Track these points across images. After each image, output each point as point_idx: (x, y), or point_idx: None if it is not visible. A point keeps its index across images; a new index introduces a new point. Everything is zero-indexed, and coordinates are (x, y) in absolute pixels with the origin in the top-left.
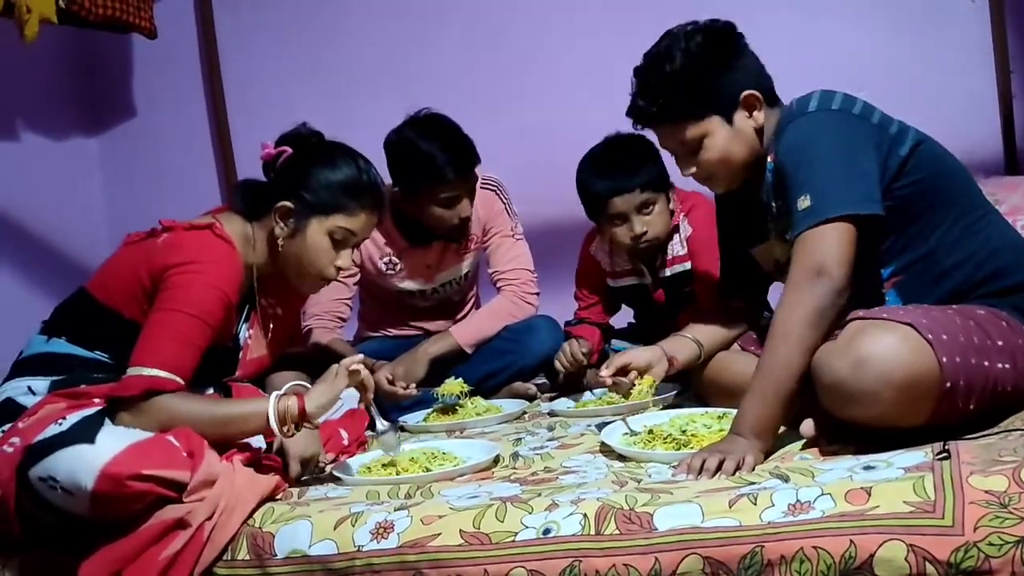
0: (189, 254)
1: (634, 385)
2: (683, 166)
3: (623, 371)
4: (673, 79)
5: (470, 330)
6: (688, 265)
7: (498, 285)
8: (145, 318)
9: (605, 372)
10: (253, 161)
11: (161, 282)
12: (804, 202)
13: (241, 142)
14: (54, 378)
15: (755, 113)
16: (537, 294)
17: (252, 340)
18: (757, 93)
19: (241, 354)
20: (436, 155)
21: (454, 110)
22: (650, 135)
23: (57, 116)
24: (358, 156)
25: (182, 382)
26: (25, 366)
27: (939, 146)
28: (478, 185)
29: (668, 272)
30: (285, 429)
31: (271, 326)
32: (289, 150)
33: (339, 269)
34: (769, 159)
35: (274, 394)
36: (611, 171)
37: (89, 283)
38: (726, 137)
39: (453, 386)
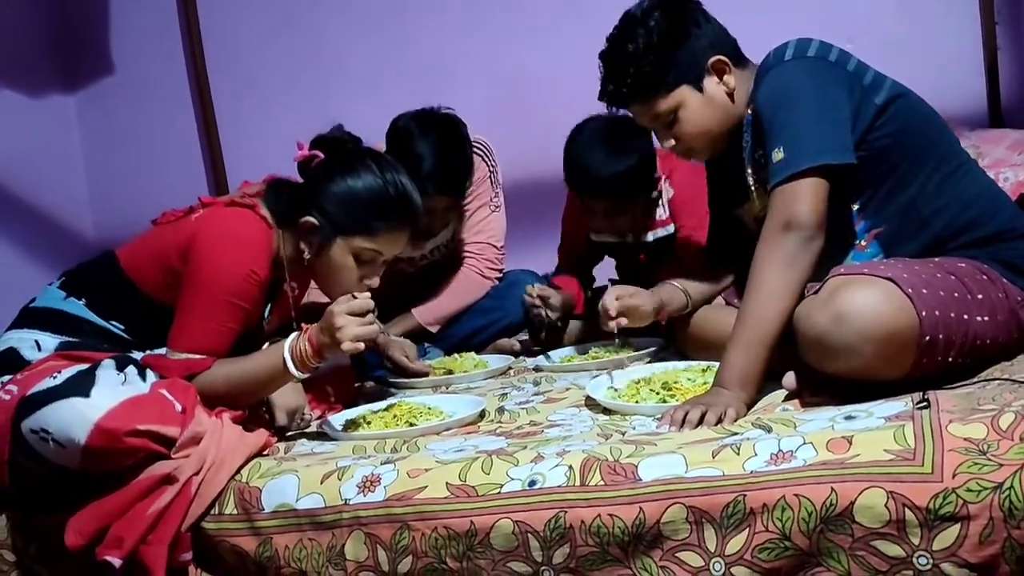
0: (224, 225)
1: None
2: (661, 140)
3: (622, 312)
4: (637, 57)
5: (431, 309)
6: (671, 228)
7: (463, 255)
8: (167, 297)
9: (615, 304)
10: (233, 116)
11: (191, 252)
12: (778, 154)
13: (221, 96)
14: (65, 339)
15: (725, 77)
16: (500, 270)
17: (268, 325)
18: (724, 57)
19: (260, 336)
20: (423, 162)
21: (441, 60)
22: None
23: (33, 73)
24: (387, 167)
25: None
26: (36, 318)
27: (916, 97)
28: None
29: (651, 236)
30: (311, 363)
31: (290, 306)
32: (320, 155)
33: (369, 288)
34: (747, 112)
35: (291, 336)
36: (590, 174)
37: (120, 250)
38: (699, 105)
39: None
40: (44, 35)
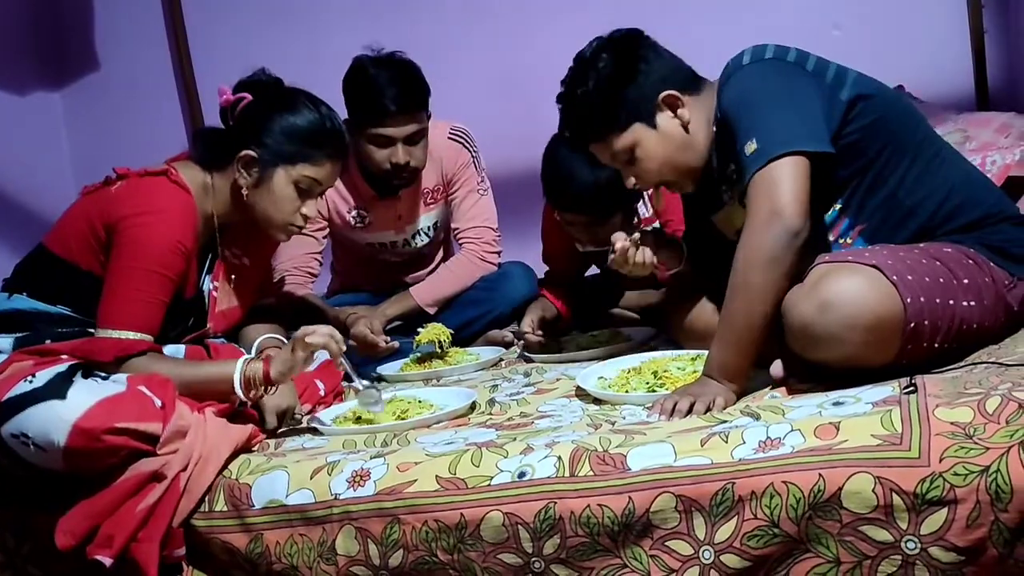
0: (143, 202)
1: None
2: (625, 178)
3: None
4: (587, 99)
5: (429, 289)
6: (657, 225)
7: (460, 242)
8: (103, 269)
9: (626, 241)
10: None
11: (116, 233)
12: (751, 146)
13: (207, 90)
14: (18, 335)
15: (679, 111)
16: (498, 252)
17: (219, 291)
18: (675, 92)
19: (208, 306)
20: (379, 85)
21: (426, 53)
22: None
23: (19, 70)
24: (320, 103)
25: (151, 339)
26: None
27: (885, 88)
28: (445, 134)
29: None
30: (252, 394)
31: (233, 276)
32: (249, 96)
33: (305, 218)
34: (712, 128)
35: (241, 359)
36: (564, 188)
37: (46, 237)
38: (655, 141)
39: (432, 332)
40: (29, 32)
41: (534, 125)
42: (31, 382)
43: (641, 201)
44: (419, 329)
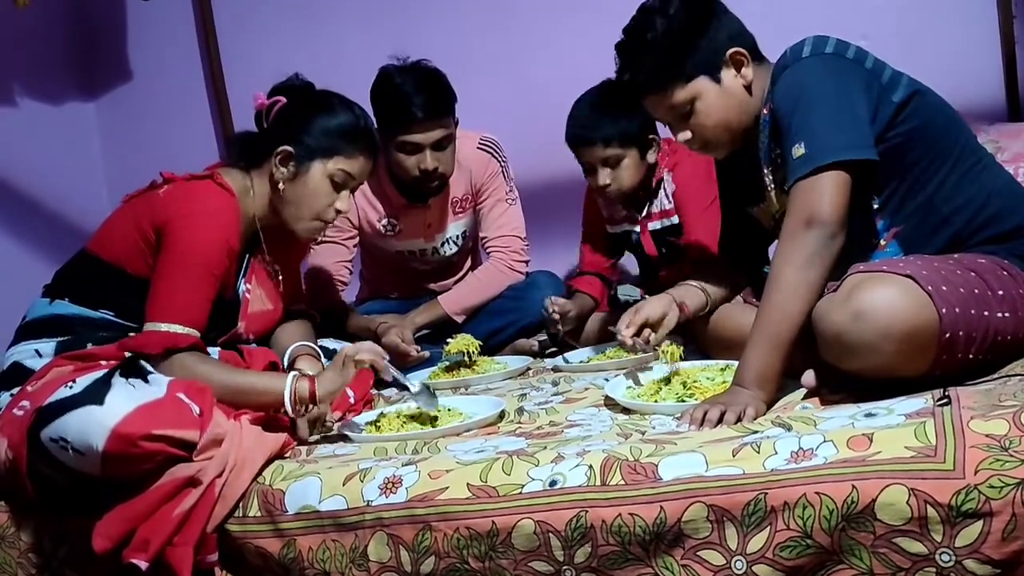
0: (191, 204)
1: (649, 343)
2: (676, 132)
3: (641, 328)
4: (656, 45)
5: (457, 298)
6: (675, 219)
7: (488, 251)
8: (151, 272)
9: (626, 332)
10: (251, 119)
11: (165, 234)
12: (799, 150)
13: (239, 100)
14: (60, 339)
15: (743, 70)
16: (526, 261)
17: (251, 294)
18: (742, 50)
19: (241, 308)
20: (406, 92)
21: (451, 63)
22: None
23: (53, 81)
24: (353, 103)
25: (198, 334)
26: (30, 330)
27: (934, 94)
28: (475, 144)
29: (658, 225)
30: (300, 409)
31: (270, 279)
32: (283, 99)
33: (338, 212)
34: (764, 111)
35: (291, 375)
36: (580, 121)
37: (89, 243)
38: (716, 97)
39: (461, 342)
40: (64, 45)
41: (552, 134)
42: (71, 388)
43: (662, 191)
44: (448, 340)
